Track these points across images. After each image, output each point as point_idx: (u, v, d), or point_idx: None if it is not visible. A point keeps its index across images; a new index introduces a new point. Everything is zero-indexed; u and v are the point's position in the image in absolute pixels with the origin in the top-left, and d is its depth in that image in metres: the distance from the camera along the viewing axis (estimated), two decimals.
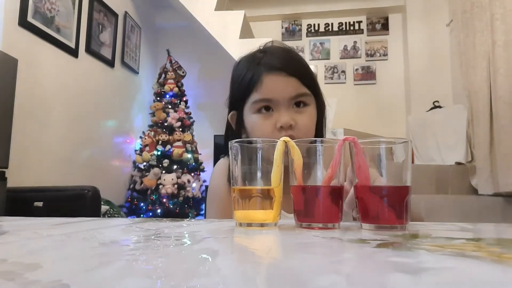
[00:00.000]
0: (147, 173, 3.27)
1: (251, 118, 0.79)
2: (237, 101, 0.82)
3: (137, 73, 3.69)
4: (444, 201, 2.41)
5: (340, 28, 4.56)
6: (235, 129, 0.83)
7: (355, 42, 4.50)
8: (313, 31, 4.62)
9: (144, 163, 3.33)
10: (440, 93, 3.75)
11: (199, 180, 3.44)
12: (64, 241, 0.39)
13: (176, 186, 3.22)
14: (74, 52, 2.70)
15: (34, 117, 2.32)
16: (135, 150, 3.52)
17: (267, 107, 0.77)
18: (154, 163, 3.28)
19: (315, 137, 0.79)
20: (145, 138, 3.38)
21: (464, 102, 2.78)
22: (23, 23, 2.22)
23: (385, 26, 4.46)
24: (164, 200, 3.18)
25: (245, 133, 0.82)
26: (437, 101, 3.68)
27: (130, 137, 3.55)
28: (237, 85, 0.82)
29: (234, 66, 0.84)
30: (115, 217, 2.46)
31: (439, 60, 3.86)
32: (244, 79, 0.79)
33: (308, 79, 0.79)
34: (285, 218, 0.65)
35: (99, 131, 3.06)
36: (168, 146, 3.34)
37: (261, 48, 0.83)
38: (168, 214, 3.13)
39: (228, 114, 0.86)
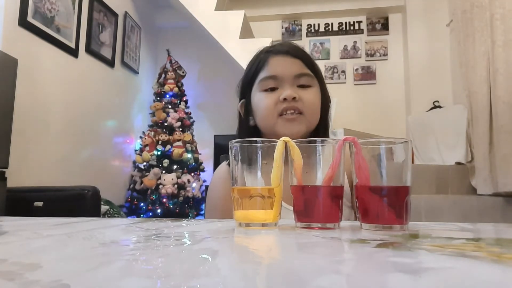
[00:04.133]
0: (147, 173, 3.27)
1: (258, 96, 0.83)
2: (245, 88, 0.86)
3: (137, 73, 3.69)
4: (444, 201, 2.41)
5: (340, 28, 4.56)
6: (244, 117, 0.87)
7: (355, 42, 4.49)
8: (313, 31, 4.62)
9: (144, 163, 3.33)
10: (440, 93, 3.75)
11: (199, 180, 3.44)
12: (64, 241, 0.39)
13: (176, 186, 3.22)
14: (74, 52, 2.70)
15: (34, 117, 2.32)
16: (135, 150, 3.52)
17: (272, 88, 0.81)
18: (154, 163, 3.28)
19: (319, 125, 0.83)
20: (145, 138, 3.38)
21: (464, 102, 2.78)
22: (23, 23, 2.22)
23: (385, 26, 4.45)
24: (164, 200, 3.18)
25: (253, 118, 0.85)
26: (437, 101, 3.68)
27: (130, 137, 3.55)
28: (246, 73, 0.87)
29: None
30: (115, 217, 2.45)
31: (439, 60, 3.86)
32: (253, 66, 0.85)
33: (311, 64, 0.84)
34: (286, 211, 0.65)
35: (99, 131, 3.06)
36: (168, 146, 3.34)
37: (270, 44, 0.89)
38: (168, 214, 3.13)
39: (238, 104, 0.89)
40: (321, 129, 0.83)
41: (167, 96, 3.54)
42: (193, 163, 3.42)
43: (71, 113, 2.68)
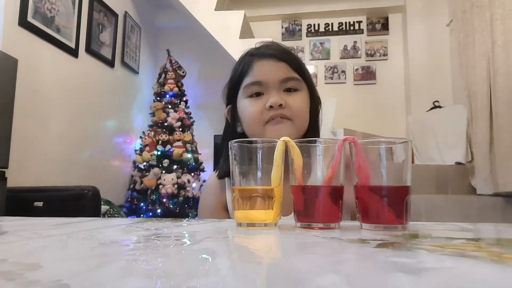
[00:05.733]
0: (147, 173, 3.27)
1: (243, 103, 0.80)
2: (231, 93, 0.83)
3: (137, 73, 3.69)
4: (444, 201, 2.41)
5: (340, 28, 4.56)
6: (231, 123, 0.84)
7: (355, 42, 4.50)
8: (313, 31, 4.62)
9: (144, 163, 3.33)
10: (440, 93, 3.75)
11: (199, 180, 3.44)
12: (64, 241, 0.39)
13: (176, 186, 3.22)
14: (74, 52, 2.70)
15: (34, 117, 2.32)
16: (135, 150, 3.52)
17: (258, 93, 0.78)
18: (154, 163, 3.28)
19: (309, 128, 0.80)
20: (145, 138, 3.38)
21: (464, 102, 2.78)
22: (23, 23, 2.22)
23: (385, 26, 4.46)
24: (164, 200, 3.18)
25: (240, 125, 0.82)
26: (437, 101, 3.68)
27: (130, 137, 3.55)
28: (231, 78, 0.84)
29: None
30: (115, 217, 2.46)
31: (439, 60, 3.86)
32: (237, 71, 0.82)
33: (298, 67, 0.80)
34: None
35: (99, 131, 3.06)
36: (168, 146, 3.34)
37: (256, 45, 0.85)
38: (168, 214, 3.13)
39: (225, 109, 0.87)
40: (309, 134, 0.79)
41: (167, 96, 3.54)
42: (193, 163, 3.42)
43: (71, 113, 2.68)
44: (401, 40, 4.34)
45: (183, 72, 3.68)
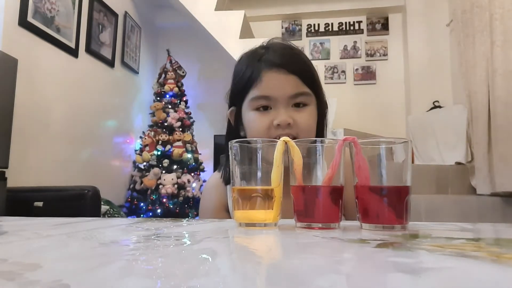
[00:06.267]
0: (147, 173, 3.27)
1: (249, 115, 0.77)
2: (236, 97, 0.80)
3: (137, 73, 3.69)
4: (444, 201, 2.41)
5: (340, 28, 4.56)
6: (234, 126, 0.82)
7: (355, 42, 4.49)
8: (313, 31, 4.62)
9: (144, 163, 3.33)
10: (440, 93, 3.75)
11: (199, 180, 3.44)
12: (64, 241, 0.39)
13: (176, 186, 3.22)
14: (74, 52, 2.70)
15: (34, 117, 2.32)
16: (135, 150, 3.52)
17: (265, 106, 0.76)
18: (154, 163, 3.28)
19: (315, 137, 0.79)
20: (145, 138, 3.38)
21: (464, 102, 2.78)
22: (23, 23, 2.22)
23: (385, 26, 4.45)
24: (164, 200, 3.18)
25: (243, 130, 0.81)
26: (437, 101, 3.68)
27: (130, 137, 3.55)
28: (237, 81, 0.80)
29: (236, 62, 0.83)
30: (115, 217, 2.45)
31: (439, 60, 3.86)
32: (244, 75, 0.77)
33: (309, 77, 0.77)
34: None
35: (99, 131, 3.06)
36: (168, 146, 3.34)
37: (263, 44, 0.81)
38: (168, 214, 3.13)
39: (228, 110, 0.84)
40: None
41: (167, 96, 3.54)
42: (193, 163, 3.42)
43: (71, 113, 2.68)
44: (401, 40, 4.33)
45: (183, 72, 3.68)
